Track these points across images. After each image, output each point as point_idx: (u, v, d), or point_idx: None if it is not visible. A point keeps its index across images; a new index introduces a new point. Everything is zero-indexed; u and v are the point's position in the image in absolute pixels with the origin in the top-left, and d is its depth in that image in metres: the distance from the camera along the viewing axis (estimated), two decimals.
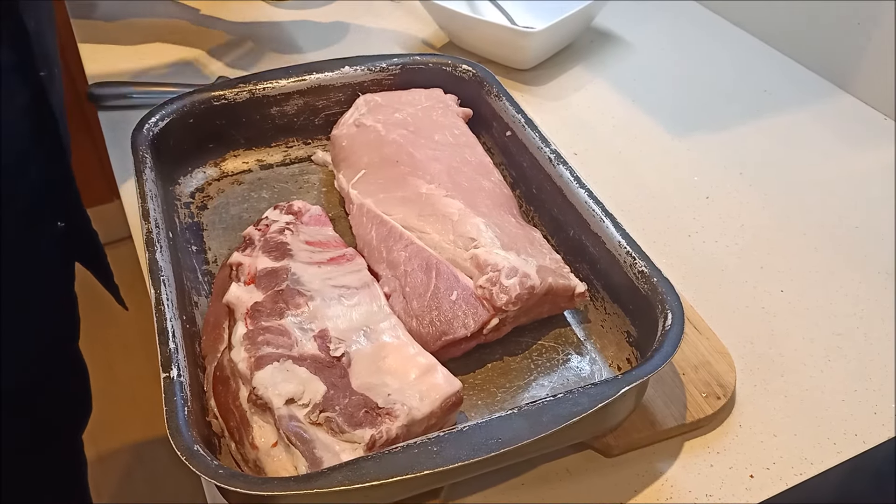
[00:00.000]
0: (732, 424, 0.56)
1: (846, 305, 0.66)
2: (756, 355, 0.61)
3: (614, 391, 0.48)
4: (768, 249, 0.71)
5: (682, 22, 1.05)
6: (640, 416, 0.55)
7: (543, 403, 0.47)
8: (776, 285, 0.67)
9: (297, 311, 0.55)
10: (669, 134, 0.85)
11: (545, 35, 0.89)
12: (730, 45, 1.00)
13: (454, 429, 0.46)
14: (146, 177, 0.63)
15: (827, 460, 0.54)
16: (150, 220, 0.59)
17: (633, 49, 0.99)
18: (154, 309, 0.53)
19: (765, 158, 0.82)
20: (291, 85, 0.74)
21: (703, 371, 0.58)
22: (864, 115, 0.88)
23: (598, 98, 0.90)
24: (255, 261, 0.59)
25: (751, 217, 0.74)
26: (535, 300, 0.57)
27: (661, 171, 0.62)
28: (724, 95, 0.91)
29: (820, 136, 0.85)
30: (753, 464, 0.54)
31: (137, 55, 0.95)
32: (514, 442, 0.45)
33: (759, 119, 0.87)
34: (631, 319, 0.59)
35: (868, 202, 0.76)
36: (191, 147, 0.73)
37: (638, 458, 0.54)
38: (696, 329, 0.60)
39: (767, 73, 0.95)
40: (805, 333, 0.63)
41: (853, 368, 0.61)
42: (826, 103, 0.90)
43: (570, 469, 0.53)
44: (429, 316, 0.57)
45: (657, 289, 0.55)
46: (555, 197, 0.65)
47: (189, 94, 0.71)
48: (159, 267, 0.56)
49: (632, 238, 0.58)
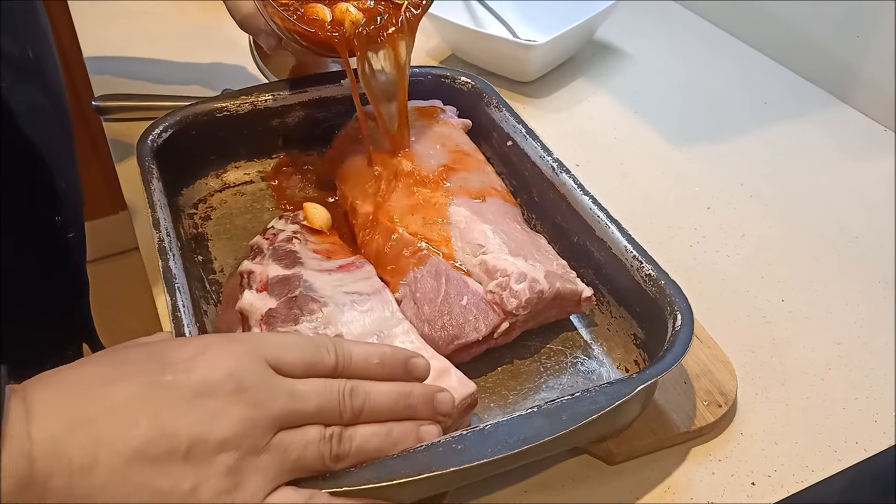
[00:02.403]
0: (734, 432, 0.57)
1: (847, 314, 0.66)
2: (757, 364, 0.62)
3: (630, 389, 0.49)
4: (769, 259, 0.71)
5: (682, 34, 1.06)
6: (642, 424, 0.55)
7: (562, 402, 0.48)
8: (777, 294, 0.68)
9: (311, 317, 0.55)
10: (671, 145, 0.86)
11: (547, 48, 0.90)
12: (730, 57, 1.01)
13: (476, 428, 0.47)
14: (154, 187, 0.63)
15: (828, 468, 0.55)
16: (161, 228, 0.60)
17: (634, 61, 1.00)
18: (171, 316, 0.53)
19: (765, 169, 0.83)
20: (293, 97, 0.74)
21: (705, 379, 0.58)
22: (864, 126, 0.89)
23: (599, 110, 0.91)
24: (265, 268, 0.60)
25: (752, 227, 0.75)
26: (543, 304, 0.58)
27: (663, 181, 0.63)
28: (724, 107, 0.92)
29: (820, 148, 0.86)
30: (755, 471, 0.55)
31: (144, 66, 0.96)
32: (536, 439, 0.46)
33: (760, 130, 0.88)
34: (638, 322, 0.59)
35: (868, 212, 0.77)
36: (193, 158, 0.73)
37: (640, 465, 0.55)
38: (698, 338, 0.61)
39: (768, 85, 0.95)
40: (806, 342, 0.64)
41: (854, 377, 0.61)
42: (826, 115, 0.91)
43: (573, 477, 0.54)
44: (440, 320, 0.58)
45: (665, 291, 0.55)
46: (558, 204, 0.66)
47: (192, 105, 0.72)
48: (173, 275, 0.56)
49: (637, 242, 0.59)
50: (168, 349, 0.42)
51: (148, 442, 0.38)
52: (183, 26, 1.06)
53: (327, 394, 0.43)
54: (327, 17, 0.64)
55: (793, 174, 0.82)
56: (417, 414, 0.46)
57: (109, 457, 0.38)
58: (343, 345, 0.45)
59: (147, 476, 0.38)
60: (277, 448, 0.41)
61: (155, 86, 0.91)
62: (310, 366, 0.44)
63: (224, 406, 0.40)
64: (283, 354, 0.43)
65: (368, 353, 0.46)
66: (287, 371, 0.43)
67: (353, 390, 0.44)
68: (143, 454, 0.38)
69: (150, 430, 0.38)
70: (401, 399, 0.45)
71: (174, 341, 0.47)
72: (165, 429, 0.39)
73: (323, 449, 0.42)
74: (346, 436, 0.43)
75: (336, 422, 0.43)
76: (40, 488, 0.36)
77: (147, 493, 0.38)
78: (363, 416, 0.44)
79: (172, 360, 0.41)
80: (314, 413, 0.42)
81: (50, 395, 0.39)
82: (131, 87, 0.89)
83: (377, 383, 0.45)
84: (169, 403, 0.39)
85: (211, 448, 0.39)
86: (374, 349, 0.46)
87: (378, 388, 0.45)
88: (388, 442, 0.44)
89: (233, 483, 0.40)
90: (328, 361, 0.44)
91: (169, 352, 0.42)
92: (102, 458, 0.37)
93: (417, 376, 0.47)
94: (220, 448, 0.39)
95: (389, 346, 0.48)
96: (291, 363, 0.43)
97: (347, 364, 0.45)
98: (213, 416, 0.40)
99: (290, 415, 0.42)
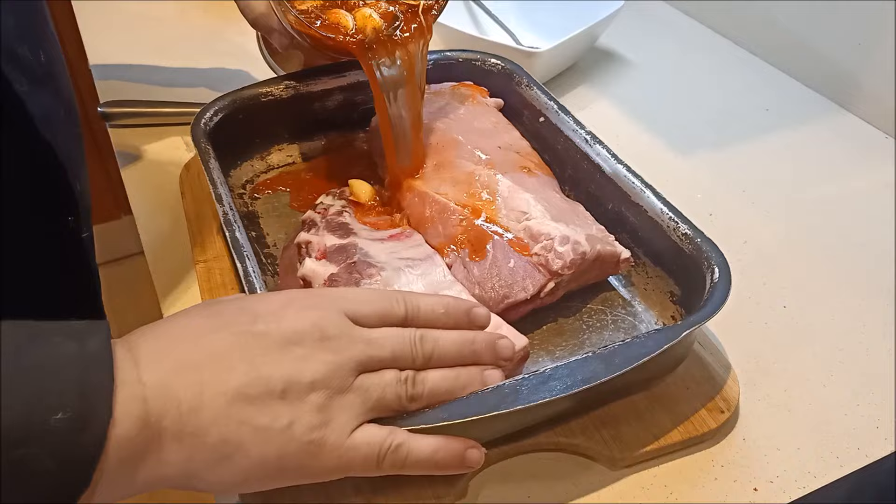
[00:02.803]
0: (736, 438, 0.57)
1: (848, 321, 0.67)
2: (760, 370, 0.62)
3: (676, 334, 0.52)
4: (771, 266, 0.72)
5: (685, 42, 1.07)
6: (644, 430, 0.55)
7: (615, 347, 0.52)
8: (779, 301, 0.68)
9: (371, 281, 0.59)
10: (673, 152, 0.86)
11: (550, 55, 0.90)
12: (732, 64, 1.02)
13: (537, 371, 0.50)
14: (212, 166, 0.67)
15: (830, 474, 0.55)
16: (224, 203, 0.63)
17: (636, 68, 1.01)
18: (244, 281, 0.57)
19: (767, 176, 0.83)
20: (333, 81, 0.78)
21: (708, 385, 0.59)
22: (866, 133, 0.89)
23: (602, 117, 0.92)
24: (322, 239, 0.64)
25: (753, 234, 0.75)
26: (585, 266, 0.62)
27: (665, 188, 0.64)
28: (726, 114, 0.93)
29: (821, 155, 0.86)
30: (757, 477, 0.55)
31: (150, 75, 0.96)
32: (593, 380, 0.50)
33: (762, 137, 0.89)
34: (674, 280, 0.63)
35: (869, 220, 0.77)
36: (240, 141, 0.77)
37: (643, 470, 0.55)
38: (700, 344, 0.61)
39: (769, 92, 0.96)
40: (808, 349, 0.64)
41: (855, 383, 0.61)
42: (828, 122, 0.91)
43: (576, 481, 0.54)
44: (490, 282, 0.61)
45: (701, 248, 0.59)
46: (593, 174, 0.69)
47: (239, 90, 0.75)
48: (241, 244, 0.59)
49: (672, 205, 0.63)
50: (257, 302, 0.46)
51: (247, 384, 0.42)
52: (186, 31, 1.06)
53: (400, 341, 0.47)
54: (349, 24, 0.65)
55: (795, 181, 0.83)
56: (481, 359, 0.50)
57: (213, 397, 0.41)
58: (411, 297, 0.49)
59: (248, 414, 0.42)
60: (360, 388, 0.45)
61: (159, 90, 0.91)
62: (383, 317, 0.48)
63: (311, 352, 0.44)
64: (358, 307, 0.47)
65: (434, 303, 0.50)
66: (363, 322, 0.47)
67: (423, 337, 0.48)
68: (244, 395, 0.42)
69: (247, 374, 0.42)
70: (465, 345, 0.49)
71: (260, 295, 0.51)
72: (261, 372, 0.42)
73: (399, 390, 0.46)
74: (419, 378, 0.47)
75: (409, 366, 0.47)
76: (155, 427, 0.40)
77: (248, 428, 0.42)
78: (433, 361, 0.48)
79: (262, 312, 0.45)
80: (390, 358, 0.46)
81: (154, 345, 0.42)
82: (136, 92, 0.89)
83: (444, 331, 0.49)
84: (263, 350, 0.43)
85: (303, 388, 0.43)
86: (440, 300, 0.50)
87: (445, 336, 0.49)
88: (457, 384, 0.48)
89: (323, 419, 0.44)
90: (399, 312, 0.48)
91: (258, 304, 0.46)
92: (207, 398, 0.41)
93: (479, 324, 0.51)
94: (311, 388, 0.43)
95: (452, 298, 0.52)
96: (366, 314, 0.47)
97: (416, 314, 0.49)
98: (303, 361, 0.43)
99: (368, 360, 0.46)
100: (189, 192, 0.75)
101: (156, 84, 0.95)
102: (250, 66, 0.98)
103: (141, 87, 0.92)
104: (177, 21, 1.09)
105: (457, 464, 0.48)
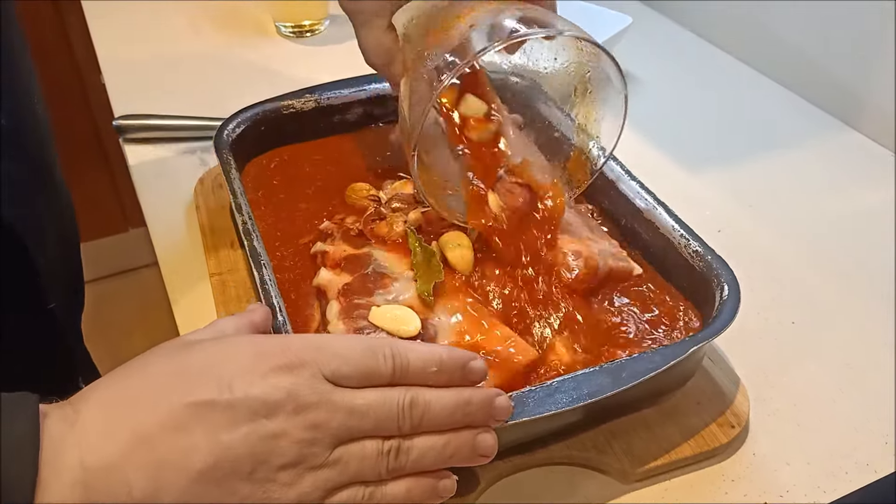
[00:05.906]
0: (746, 453, 0.58)
1: (856, 337, 0.67)
2: (769, 385, 0.63)
3: (684, 350, 0.53)
4: (779, 282, 0.72)
5: (692, 60, 1.08)
6: (655, 444, 0.56)
7: (622, 361, 0.53)
8: (788, 317, 0.69)
9: (384, 291, 0.61)
10: (681, 169, 0.87)
11: None
12: (739, 81, 1.03)
13: (544, 384, 0.51)
14: (233, 176, 0.68)
15: (839, 489, 0.55)
16: (244, 212, 0.64)
17: (644, 86, 1.02)
18: (260, 289, 0.58)
19: (774, 193, 0.84)
20: (352, 95, 0.80)
21: (718, 400, 0.59)
22: (870, 151, 0.90)
23: None
24: (337, 248, 0.65)
25: (761, 250, 0.76)
26: (597, 281, 0.63)
27: (674, 205, 0.65)
28: (733, 131, 0.94)
29: (827, 172, 0.87)
30: (767, 492, 0.55)
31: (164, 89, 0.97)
32: (600, 394, 0.50)
33: (768, 154, 0.90)
34: (684, 295, 0.64)
35: (876, 236, 0.78)
36: (261, 152, 0.78)
37: (654, 485, 0.55)
38: (710, 359, 0.62)
39: (775, 110, 0.97)
40: (817, 364, 0.65)
41: (864, 399, 0.62)
42: (833, 139, 0.92)
43: (587, 496, 0.54)
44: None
45: (712, 265, 0.60)
46: (606, 190, 0.70)
47: (261, 103, 0.77)
48: (259, 253, 0.61)
49: (684, 222, 0.64)
50: (224, 359, 0.42)
51: (212, 465, 0.38)
52: (198, 45, 1.08)
53: (386, 408, 0.43)
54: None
55: (801, 198, 0.83)
56: (475, 422, 0.46)
57: (173, 480, 0.38)
58: (400, 350, 0.45)
59: (213, 497, 0.38)
60: (336, 463, 0.42)
61: (172, 104, 0.92)
62: (367, 376, 0.43)
63: (284, 427, 0.40)
64: (339, 367, 0.43)
65: (426, 359, 0.45)
66: (345, 383, 0.43)
67: (413, 402, 0.44)
68: (208, 477, 0.38)
69: (211, 454, 0.38)
70: (459, 408, 0.45)
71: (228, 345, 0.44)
72: (228, 452, 0.39)
73: (380, 464, 0.43)
74: (402, 449, 0.43)
75: (395, 433, 0.43)
76: None
77: None
78: (422, 427, 0.44)
79: (228, 375, 0.41)
80: (372, 428, 0.43)
81: (103, 415, 0.39)
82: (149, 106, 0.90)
83: (436, 391, 0.45)
84: (229, 425, 0.39)
85: (272, 468, 0.40)
86: (432, 354, 0.45)
87: (437, 400, 0.44)
88: (444, 454, 0.45)
89: (294, 496, 0.40)
90: (385, 370, 0.44)
91: (225, 363, 0.42)
92: (165, 482, 0.37)
93: (475, 380, 0.47)
94: (282, 468, 0.40)
95: (446, 350, 0.47)
96: (348, 375, 0.43)
97: (405, 371, 0.44)
98: (273, 439, 0.40)
99: (348, 431, 0.42)
100: (204, 205, 0.76)
101: (169, 98, 0.96)
102: (261, 80, 0.99)
103: (154, 101, 0.93)
104: (189, 35, 1.10)
105: (432, 496, 0.45)
